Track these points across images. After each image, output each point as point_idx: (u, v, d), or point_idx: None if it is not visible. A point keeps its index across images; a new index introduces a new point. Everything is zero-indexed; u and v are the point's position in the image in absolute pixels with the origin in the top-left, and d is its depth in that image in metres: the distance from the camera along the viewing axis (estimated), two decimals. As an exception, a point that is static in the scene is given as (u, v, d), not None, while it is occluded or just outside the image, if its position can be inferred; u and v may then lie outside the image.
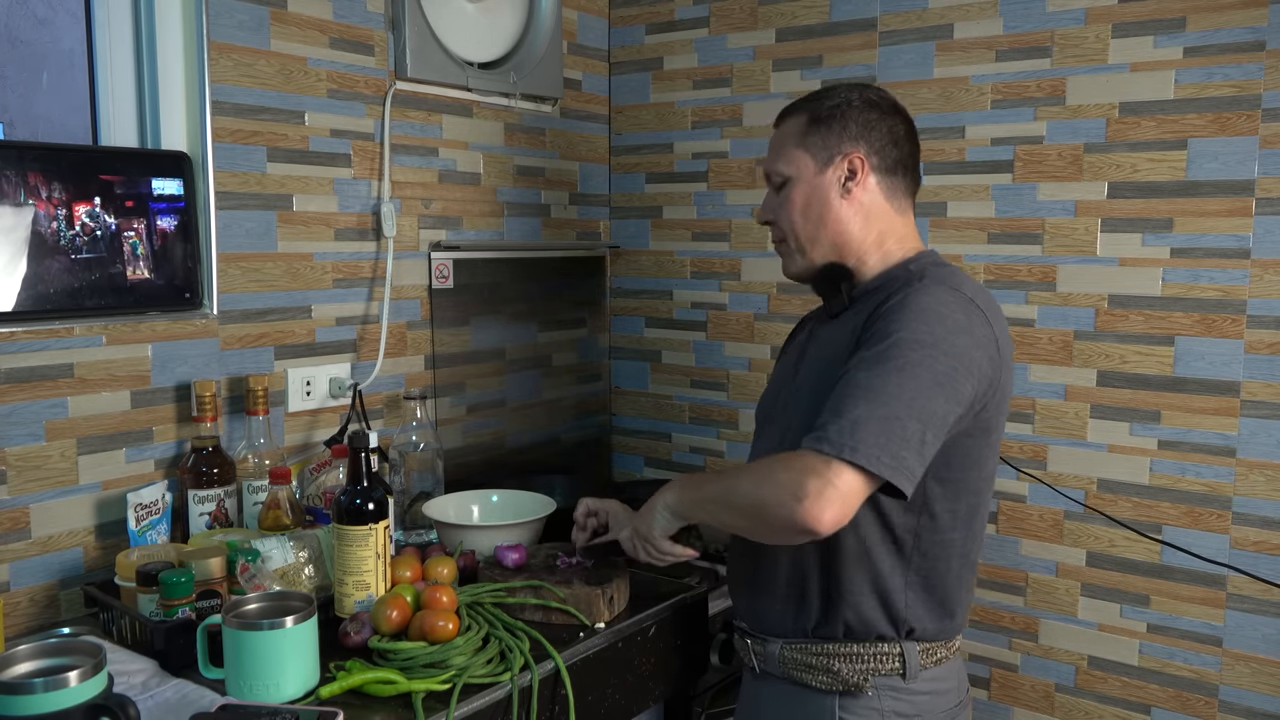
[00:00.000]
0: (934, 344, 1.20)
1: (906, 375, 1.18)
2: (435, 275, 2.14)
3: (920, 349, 1.19)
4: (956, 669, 1.36)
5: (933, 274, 1.31)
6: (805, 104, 1.42)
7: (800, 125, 1.40)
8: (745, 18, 2.33)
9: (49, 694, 1.04)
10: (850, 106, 1.38)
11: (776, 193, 1.42)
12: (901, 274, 1.34)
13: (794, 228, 1.39)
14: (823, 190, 1.37)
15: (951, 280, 1.30)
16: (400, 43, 2.01)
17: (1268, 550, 1.81)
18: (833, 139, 1.37)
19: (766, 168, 1.43)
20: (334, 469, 1.81)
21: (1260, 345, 1.80)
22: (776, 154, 1.41)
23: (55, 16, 1.76)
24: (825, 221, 1.37)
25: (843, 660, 1.31)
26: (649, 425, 2.58)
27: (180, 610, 1.37)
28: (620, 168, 2.57)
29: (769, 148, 1.44)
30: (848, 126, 1.38)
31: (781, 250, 1.44)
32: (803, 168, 1.38)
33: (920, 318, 1.22)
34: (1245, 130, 1.78)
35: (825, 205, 1.37)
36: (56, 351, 1.57)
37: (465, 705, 1.27)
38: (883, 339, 1.21)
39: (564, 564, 1.58)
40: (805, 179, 1.38)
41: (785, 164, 1.40)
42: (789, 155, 1.39)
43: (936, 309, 1.23)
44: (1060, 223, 1.97)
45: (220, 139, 1.75)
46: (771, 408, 1.46)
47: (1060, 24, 1.93)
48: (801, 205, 1.38)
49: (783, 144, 1.41)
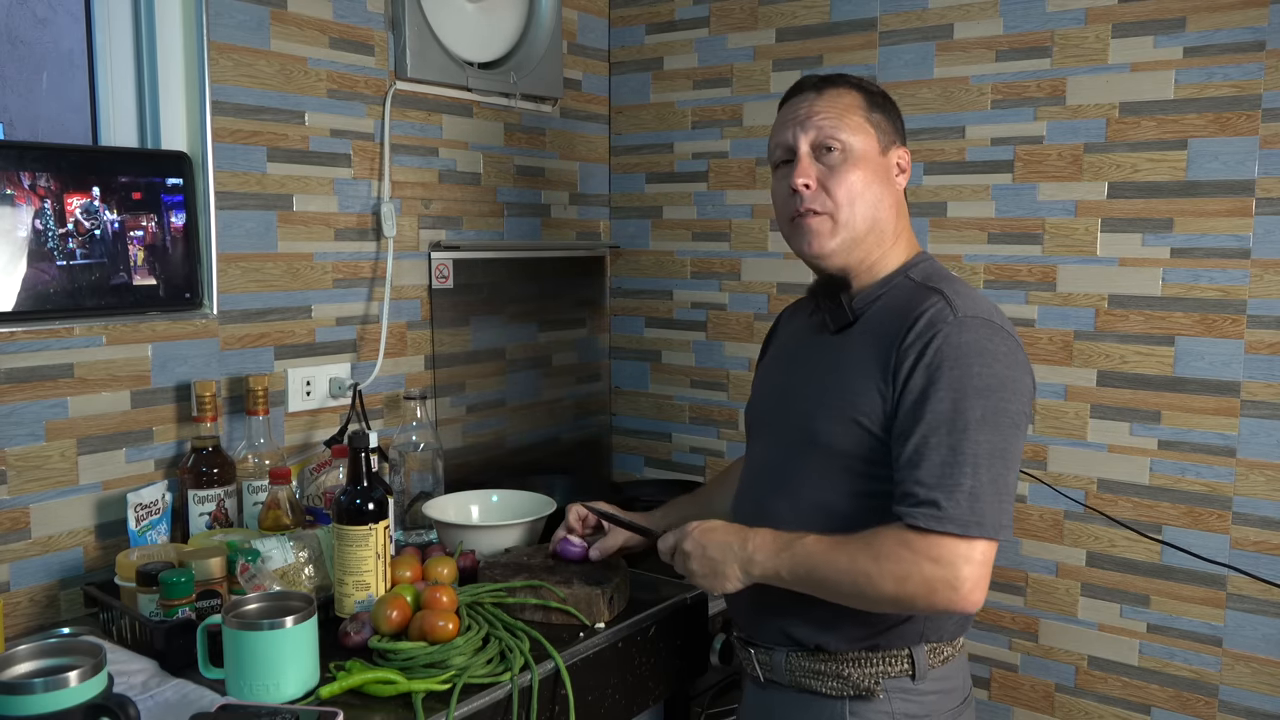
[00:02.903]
0: (1000, 386, 1.19)
1: (989, 428, 1.17)
2: (435, 275, 2.14)
3: (991, 395, 1.18)
4: (961, 666, 1.36)
5: (960, 305, 1.23)
6: (848, 80, 1.36)
7: (859, 100, 1.33)
8: (745, 18, 2.33)
9: (49, 694, 1.04)
10: (891, 102, 1.36)
11: (817, 160, 1.32)
12: (904, 283, 1.32)
13: (848, 200, 1.30)
14: (883, 172, 1.33)
15: (974, 305, 1.24)
16: (400, 43, 2.01)
17: (1268, 550, 1.81)
18: (888, 126, 1.35)
19: (816, 133, 1.32)
20: (334, 469, 1.81)
21: (1260, 345, 1.80)
22: (837, 121, 1.31)
23: (55, 16, 1.76)
24: (879, 204, 1.32)
25: (853, 665, 1.29)
26: (649, 425, 2.58)
27: (180, 610, 1.37)
28: (620, 168, 2.57)
29: (809, 114, 1.33)
30: (896, 121, 1.36)
31: (813, 225, 1.32)
32: (868, 142, 1.32)
33: (978, 360, 1.19)
34: (1245, 130, 1.78)
35: (884, 188, 1.33)
36: (56, 351, 1.57)
37: (465, 705, 1.27)
38: (952, 391, 1.18)
39: (566, 552, 1.58)
40: (870, 156, 1.32)
41: (850, 134, 1.31)
42: (855, 125, 1.32)
43: (986, 346, 1.20)
44: (1060, 223, 1.97)
45: (220, 139, 1.75)
46: (766, 413, 1.44)
47: (1060, 24, 1.93)
48: (863, 180, 1.30)
49: (845, 113, 1.32)
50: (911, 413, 1.20)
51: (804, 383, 1.36)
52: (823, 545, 1.22)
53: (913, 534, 1.17)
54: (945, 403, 1.18)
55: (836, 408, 1.28)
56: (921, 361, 1.21)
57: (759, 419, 1.46)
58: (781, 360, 1.47)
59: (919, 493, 1.17)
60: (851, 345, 1.31)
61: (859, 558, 1.19)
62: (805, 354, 1.40)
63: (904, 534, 1.17)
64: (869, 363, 1.26)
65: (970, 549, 1.15)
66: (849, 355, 1.30)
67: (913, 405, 1.20)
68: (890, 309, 1.29)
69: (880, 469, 1.25)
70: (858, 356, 1.28)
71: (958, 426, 1.17)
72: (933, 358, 1.20)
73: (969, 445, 1.17)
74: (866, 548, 1.19)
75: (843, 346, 1.32)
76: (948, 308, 1.23)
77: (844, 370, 1.30)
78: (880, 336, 1.27)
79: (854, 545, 1.20)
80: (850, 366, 1.29)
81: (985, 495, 1.16)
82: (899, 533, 1.18)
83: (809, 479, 1.31)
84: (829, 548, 1.21)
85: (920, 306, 1.25)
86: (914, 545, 1.16)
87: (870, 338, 1.29)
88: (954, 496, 1.15)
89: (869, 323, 1.31)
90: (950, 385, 1.19)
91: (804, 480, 1.32)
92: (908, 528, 1.17)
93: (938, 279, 1.31)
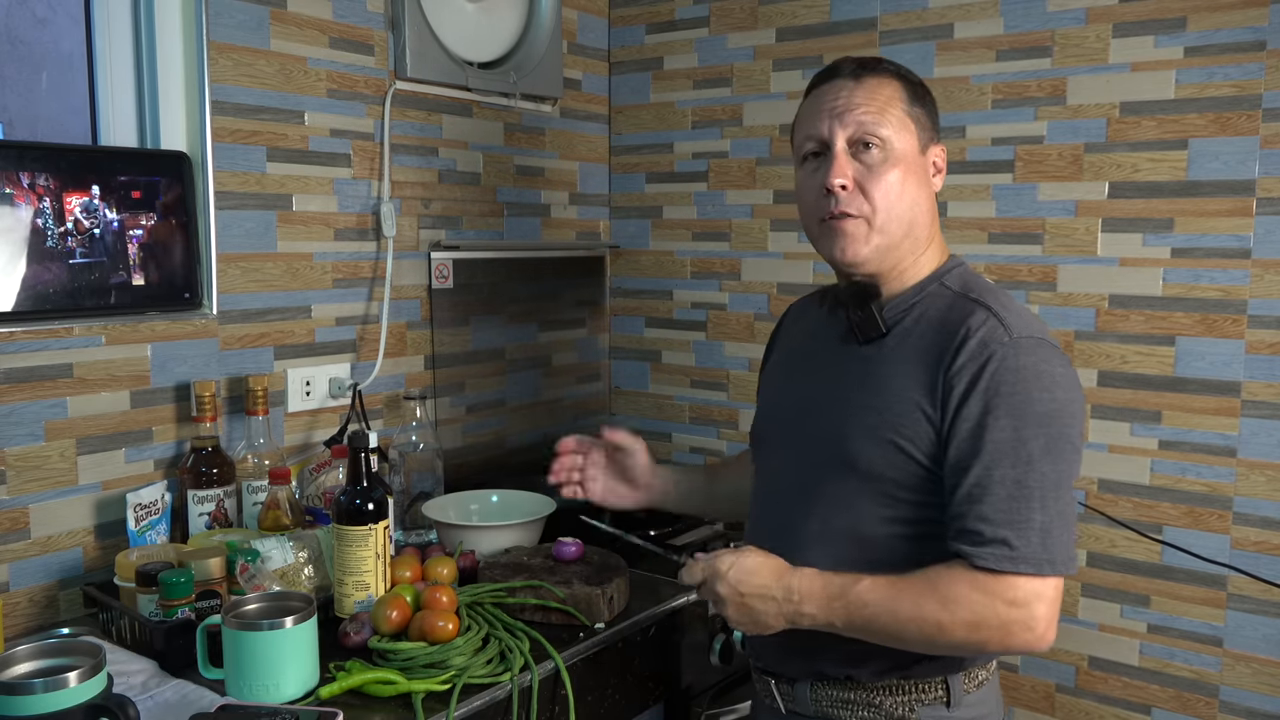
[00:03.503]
0: (1060, 412, 1.13)
1: (1053, 457, 1.11)
2: (435, 275, 2.14)
3: (1053, 423, 1.12)
4: (994, 688, 1.28)
5: (1013, 323, 1.16)
6: (889, 66, 1.25)
7: (902, 92, 1.23)
8: (745, 18, 2.33)
9: (49, 694, 1.04)
10: (929, 94, 1.26)
11: (854, 157, 1.22)
12: (940, 292, 1.23)
13: (886, 204, 1.21)
14: (921, 172, 1.24)
15: (1026, 323, 1.17)
16: (400, 42, 2.01)
17: (1268, 550, 1.81)
18: (928, 122, 1.25)
19: (863, 131, 1.21)
20: (334, 469, 1.81)
21: (1261, 345, 1.79)
22: (878, 116, 1.21)
23: (55, 17, 1.76)
24: (916, 207, 1.23)
25: (885, 694, 1.22)
26: (649, 425, 2.57)
27: (180, 610, 1.37)
28: (620, 168, 2.57)
29: (848, 104, 1.22)
30: (934, 116, 1.26)
31: (847, 229, 1.22)
32: (909, 141, 1.22)
33: (1037, 385, 1.12)
34: (1246, 130, 1.77)
35: (922, 188, 1.23)
36: (56, 351, 1.57)
37: (465, 705, 1.26)
38: (1013, 419, 1.11)
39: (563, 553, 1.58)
40: (910, 154, 1.22)
41: (892, 130, 1.21)
42: (898, 121, 1.22)
43: (1044, 370, 1.13)
44: (1061, 223, 1.97)
45: (220, 139, 1.75)
46: (784, 426, 1.34)
47: (1060, 24, 1.93)
48: (902, 180, 1.21)
49: (887, 106, 1.22)
50: (969, 443, 1.13)
51: (831, 396, 1.26)
52: (880, 592, 1.12)
53: (983, 575, 1.09)
54: (1006, 432, 1.11)
55: (875, 429, 1.19)
56: (977, 387, 1.13)
57: (775, 430, 1.37)
58: (798, 367, 1.37)
59: (985, 530, 1.10)
60: (887, 359, 1.22)
61: (925, 605, 1.10)
62: (829, 363, 1.30)
63: (973, 576, 1.10)
64: (911, 382, 1.18)
65: (1044, 587, 1.09)
66: (886, 371, 1.21)
67: (970, 435, 1.13)
68: (929, 321, 1.21)
69: (919, 495, 1.18)
70: (896, 373, 1.20)
71: (1021, 458, 1.11)
72: (989, 383, 1.12)
73: (1034, 478, 1.10)
74: (932, 592, 1.10)
75: (876, 359, 1.23)
76: (1000, 326, 1.15)
77: (881, 388, 1.20)
78: (921, 353, 1.19)
79: (917, 590, 1.11)
80: (888, 384, 1.20)
81: (1055, 530, 1.10)
82: (966, 574, 1.10)
83: (839, 501, 1.22)
84: (889, 595, 1.12)
85: (967, 323, 1.16)
86: (986, 587, 1.09)
87: (910, 353, 1.20)
88: (1025, 534, 1.09)
89: (905, 335, 1.22)
90: (1010, 413, 1.11)
91: (833, 502, 1.23)
92: (975, 568, 1.10)
93: (979, 289, 1.22)
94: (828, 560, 1.19)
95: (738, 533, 2.06)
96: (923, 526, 1.17)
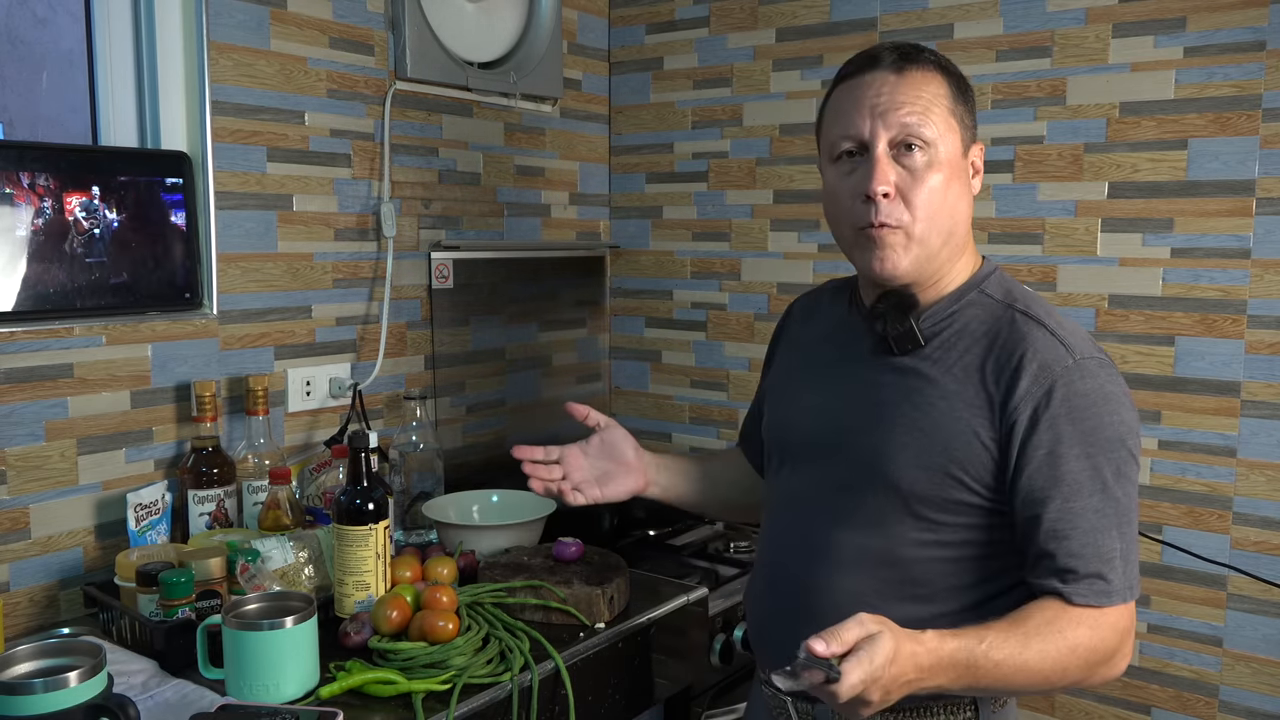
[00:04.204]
0: (1127, 434, 1.10)
1: (1124, 480, 1.09)
2: (435, 275, 2.14)
3: (1121, 446, 1.09)
4: (1014, 704, 1.24)
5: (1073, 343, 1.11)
6: (931, 57, 1.16)
7: (946, 88, 1.14)
8: (745, 18, 2.33)
9: (49, 694, 1.04)
10: (970, 89, 1.18)
11: (895, 161, 1.13)
12: (981, 300, 1.17)
13: (929, 213, 1.12)
14: (964, 175, 1.16)
15: (1083, 341, 1.12)
16: (400, 42, 2.01)
17: (1268, 550, 1.81)
18: (970, 120, 1.17)
19: (909, 133, 1.12)
20: (334, 469, 1.81)
21: (1260, 345, 1.80)
22: (923, 116, 1.12)
23: (55, 16, 1.76)
24: (956, 214, 1.15)
25: (913, 715, 1.16)
26: (649, 425, 2.57)
27: (180, 610, 1.37)
28: (620, 168, 2.57)
29: (890, 99, 1.12)
30: (974, 111, 1.19)
31: (887, 239, 1.13)
32: (953, 143, 1.14)
33: (1105, 409, 1.09)
34: (1245, 130, 1.78)
35: (963, 197, 1.16)
36: (56, 351, 1.57)
37: (465, 705, 1.27)
38: (1086, 446, 1.08)
39: (562, 553, 1.57)
40: (954, 157, 1.14)
41: (937, 131, 1.12)
42: (943, 122, 1.13)
43: (1109, 391, 1.10)
44: (1060, 223, 1.97)
45: (220, 139, 1.75)
46: (808, 437, 1.26)
47: (1060, 24, 1.93)
48: (945, 187, 1.13)
49: (932, 104, 1.13)
50: (1045, 474, 1.08)
51: (868, 413, 1.18)
52: (1009, 649, 1.03)
53: (1090, 612, 1.07)
54: (1080, 460, 1.08)
55: (924, 453, 1.12)
56: (1045, 414, 1.08)
57: (795, 441, 1.29)
58: (819, 376, 1.28)
59: (1078, 567, 1.07)
60: (931, 374, 1.15)
61: (1050, 652, 1.05)
62: (853, 376, 1.22)
63: (1080, 614, 1.07)
64: (962, 404, 1.12)
65: (1130, 612, 1.09)
66: (932, 390, 1.14)
67: (1045, 465, 1.08)
68: (973, 334, 1.15)
69: (964, 519, 1.13)
70: (945, 393, 1.13)
71: (1097, 487, 1.08)
72: (1058, 409, 1.08)
73: (1111, 505, 1.08)
74: (1059, 638, 1.05)
75: (917, 373, 1.16)
76: (1061, 346, 1.10)
77: (929, 407, 1.14)
78: (970, 371, 1.13)
79: (1043, 641, 1.05)
80: (936, 404, 1.13)
81: (1132, 555, 1.09)
82: (1077, 613, 1.07)
83: (873, 522, 1.16)
84: (1017, 650, 1.03)
85: (1024, 343, 1.11)
86: (1094, 624, 1.07)
87: (958, 370, 1.13)
88: (1114, 566, 1.07)
89: (948, 348, 1.15)
90: (1083, 440, 1.08)
91: (867, 523, 1.17)
92: (1075, 605, 1.07)
93: (1024, 300, 1.16)
94: (860, 581, 1.16)
95: (739, 532, 2.06)
96: (963, 549, 1.14)
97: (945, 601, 1.14)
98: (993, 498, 1.12)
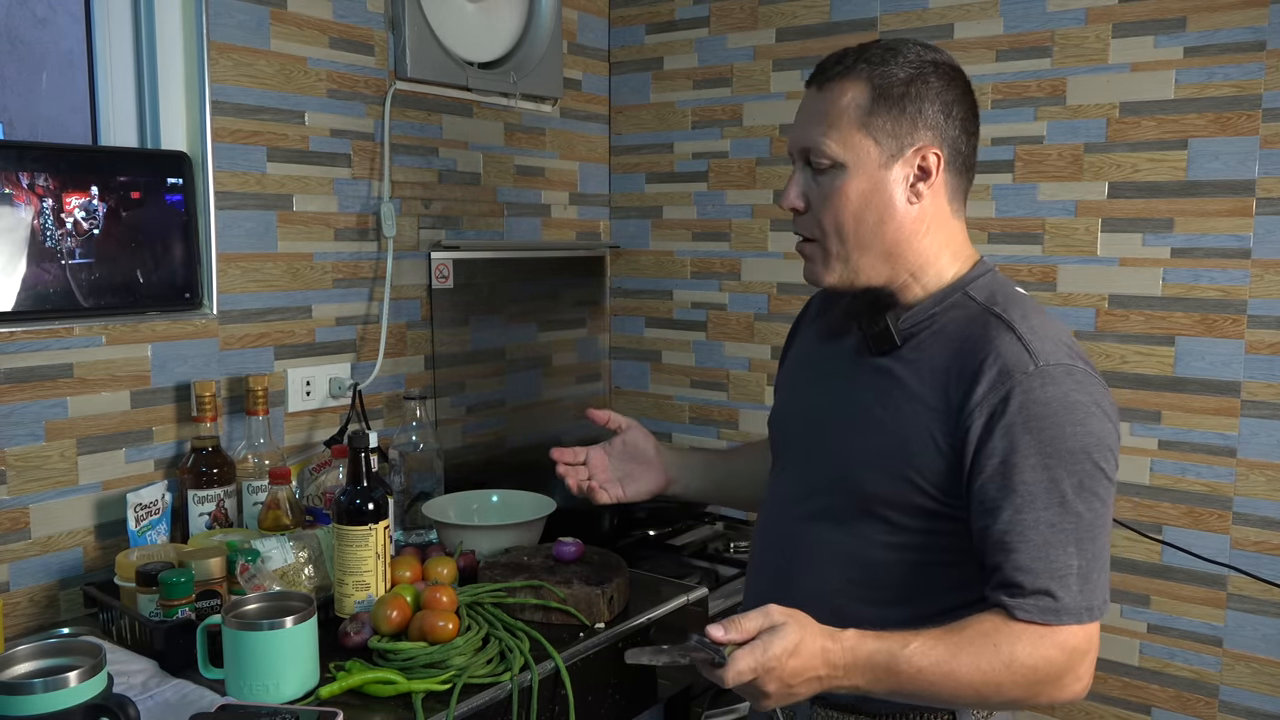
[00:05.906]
0: (1094, 444, 1.05)
1: (1086, 494, 1.04)
2: (435, 275, 2.14)
3: (1085, 458, 1.04)
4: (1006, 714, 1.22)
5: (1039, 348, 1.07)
6: (864, 66, 1.12)
7: (863, 98, 1.11)
8: (745, 18, 2.33)
9: (49, 694, 1.04)
10: (927, 84, 1.12)
11: (813, 177, 1.14)
12: (963, 303, 1.14)
13: (841, 228, 1.12)
14: (887, 189, 1.12)
15: (1053, 346, 1.08)
16: (400, 42, 2.01)
17: (1268, 550, 1.81)
18: (905, 125, 1.11)
19: (806, 144, 1.13)
20: (334, 469, 1.81)
21: (1260, 345, 1.80)
22: (827, 130, 1.11)
23: (55, 17, 1.76)
24: (884, 228, 1.12)
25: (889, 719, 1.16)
26: (649, 425, 2.54)
27: (180, 610, 1.37)
28: (620, 168, 2.57)
29: (807, 115, 1.14)
30: (924, 111, 1.12)
31: (809, 251, 1.17)
32: (864, 156, 1.11)
33: (1068, 419, 1.04)
34: (1245, 130, 1.78)
35: (888, 208, 1.12)
36: (56, 351, 1.57)
37: (465, 705, 1.27)
38: (1043, 457, 1.04)
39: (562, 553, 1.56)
40: (865, 170, 1.11)
41: (839, 146, 1.11)
42: (846, 137, 1.11)
43: (1074, 400, 1.05)
44: (1060, 223, 1.97)
45: (220, 139, 1.75)
46: (793, 437, 1.28)
47: (1060, 24, 1.93)
48: (857, 202, 1.11)
49: (837, 119, 1.11)
50: (997, 483, 1.05)
51: (839, 413, 1.19)
52: (935, 656, 1.02)
53: (1033, 629, 1.03)
54: (1036, 471, 1.04)
55: (885, 455, 1.12)
56: (1000, 422, 1.04)
57: (784, 440, 1.30)
58: (809, 375, 1.30)
59: (1025, 582, 1.03)
60: (899, 377, 1.14)
61: (983, 665, 1.02)
62: (839, 374, 1.22)
63: (1023, 630, 1.03)
64: (923, 407, 1.10)
65: (1087, 634, 1.04)
66: (900, 392, 1.13)
67: (997, 473, 1.05)
68: (948, 337, 1.12)
69: (924, 523, 1.12)
70: (908, 396, 1.12)
71: (1054, 500, 1.04)
72: (1014, 417, 1.04)
73: (1069, 520, 1.04)
74: (993, 652, 1.02)
75: (891, 375, 1.15)
76: (1025, 352, 1.06)
77: (897, 409, 1.12)
78: (936, 373, 1.10)
79: (975, 650, 1.02)
80: (902, 406, 1.12)
81: (1093, 574, 1.05)
82: (1018, 629, 1.03)
83: (841, 523, 1.17)
84: (944, 658, 1.02)
85: (989, 346, 1.07)
86: (1035, 641, 1.03)
87: (925, 372, 1.12)
88: (1066, 584, 1.03)
89: (920, 349, 1.14)
90: (1039, 450, 1.04)
91: (836, 524, 1.17)
92: (1017, 620, 1.03)
93: (1004, 302, 1.12)
94: (829, 582, 1.16)
95: (739, 532, 2.07)
96: (927, 554, 1.12)
97: (915, 606, 1.12)
98: (949, 502, 1.10)
